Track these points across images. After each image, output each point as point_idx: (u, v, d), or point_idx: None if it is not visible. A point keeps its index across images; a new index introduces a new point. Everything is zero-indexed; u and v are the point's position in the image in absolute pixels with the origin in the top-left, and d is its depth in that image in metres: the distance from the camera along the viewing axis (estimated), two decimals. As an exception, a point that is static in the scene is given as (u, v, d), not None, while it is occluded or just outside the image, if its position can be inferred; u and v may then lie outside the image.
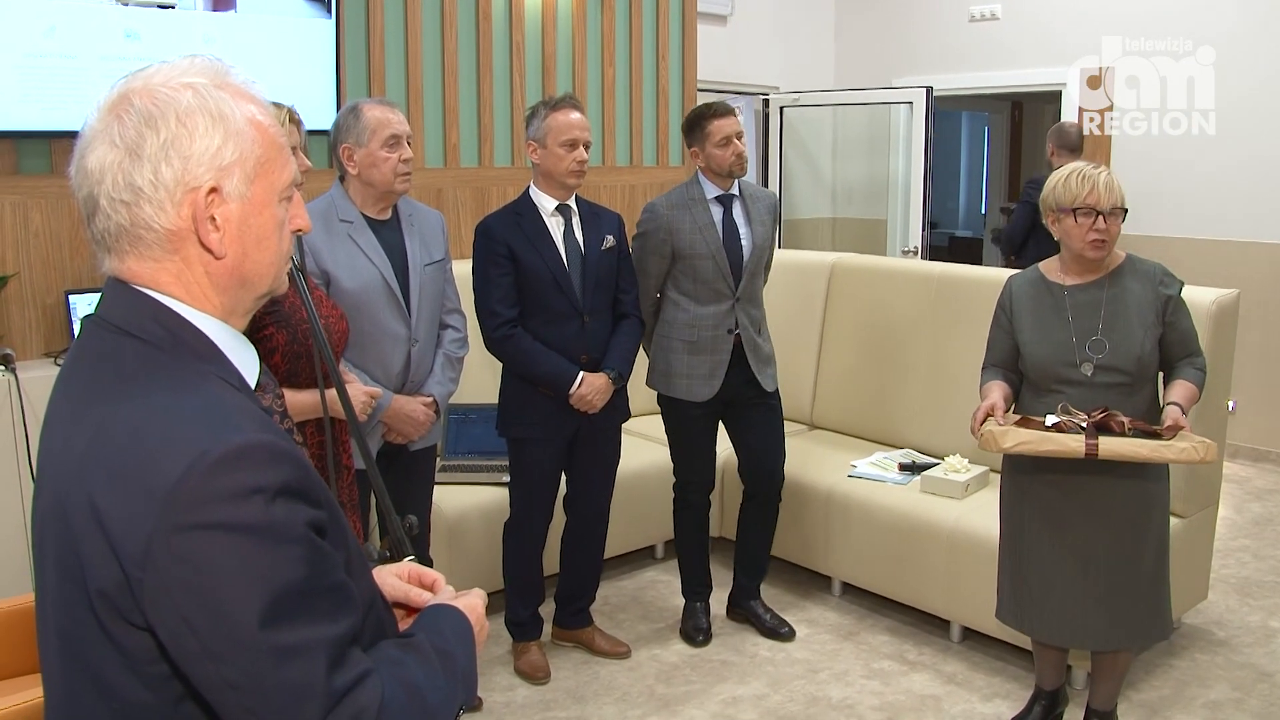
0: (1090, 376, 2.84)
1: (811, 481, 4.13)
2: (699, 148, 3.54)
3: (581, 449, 3.47)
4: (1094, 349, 2.84)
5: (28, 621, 2.41)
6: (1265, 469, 5.82)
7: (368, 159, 2.89)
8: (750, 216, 3.61)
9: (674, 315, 3.60)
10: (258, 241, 1.13)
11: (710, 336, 3.55)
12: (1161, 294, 2.84)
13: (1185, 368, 2.86)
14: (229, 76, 1.13)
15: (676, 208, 3.54)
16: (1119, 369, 2.82)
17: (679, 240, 3.51)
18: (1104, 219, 2.79)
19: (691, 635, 3.76)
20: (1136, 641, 2.98)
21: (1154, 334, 2.83)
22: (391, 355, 2.98)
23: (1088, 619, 2.90)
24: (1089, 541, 2.87)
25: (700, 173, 3.58)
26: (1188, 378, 2.84)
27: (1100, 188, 2.80)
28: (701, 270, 3.52)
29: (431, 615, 1.26)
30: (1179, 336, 2.86)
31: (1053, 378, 2.89)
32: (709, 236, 3.51)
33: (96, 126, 1.08)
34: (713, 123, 3.49)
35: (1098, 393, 2.82)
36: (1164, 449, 2.67)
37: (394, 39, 4.71)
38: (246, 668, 0.97)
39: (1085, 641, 2.97)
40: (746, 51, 7.11)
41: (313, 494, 1.04)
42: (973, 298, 4.17)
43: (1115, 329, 2.83)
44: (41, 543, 1.08)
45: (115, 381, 1.06)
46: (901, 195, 6.91)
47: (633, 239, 3.61)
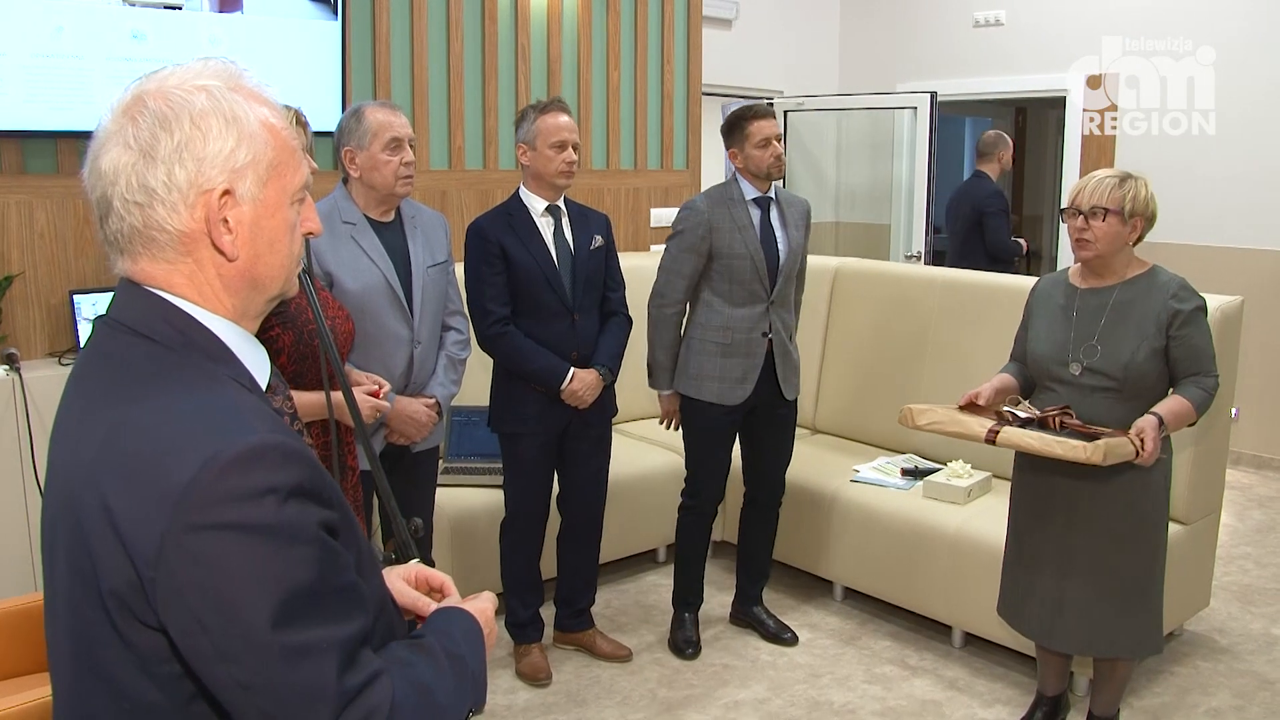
0: (1078, 377, 2.87)
1: (814, 486, 4.13)
2: (738, 149, 3.53)
3: (572, 444, 3.50)
4: (1086, 352, 2.87)
5: (33, 621, 2.41)
6: (1268, 476, 5.82)
7: (369, 162, 2.90)
8: (786, 221, 3.61)
9: (707, 317, 3.58)
10: (270, 244, 1.13)
11: (744, 339, 3.54)
12: (1170, 307, 2.80)
13: (1187, 385, 2.81)
14: (242, 79, 1.14)
15: (717, 205, 3.53)
16: (1105, 374, 2.83)
17: (718, 238, 3.50)
18: (1084, 219, 2.81)
19: (680, 648, 3.74)
20: (1115, 652, 2.97)
21: (1151, 345, 2.80)
22: (394, 357, 2.99)
23: (1060, 620, 2.94)
24: (1066, 544, 2.91)
25: (738, 174, 3.58)
26: (1185, 394, 2.80)
27: (1087, 188, 2.83)
28: (738, 271, 3.51)
29: (441, 617, 1.26)
30: (1186, 353, 2.80)
31: (1047, 375, 2.95)
32: (747, 236, 3.50)
33: (110, 128, 1.09)
34: (754, 124, 3.49)
35: (1084, 394, 2.86)
36: (1054, 444, 2.69)
37: (399, 41, 4.72)
38: (258, 668, 0.97)
39: (1061, 643, 3.00)
40: (751, 55, 7.11)
41: (325, 495, 1.05)
42: (975, 302, 4.18)
43: (1111, 335, 2.84)
44: (52, 543, 1.08)
45: (128, 382, 1.06)
46: (905, 200, 6.91)
47: (669, 239, 3.60)
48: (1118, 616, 2.89)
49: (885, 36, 7.51)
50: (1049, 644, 3.05)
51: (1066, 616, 2.92)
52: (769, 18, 7.22)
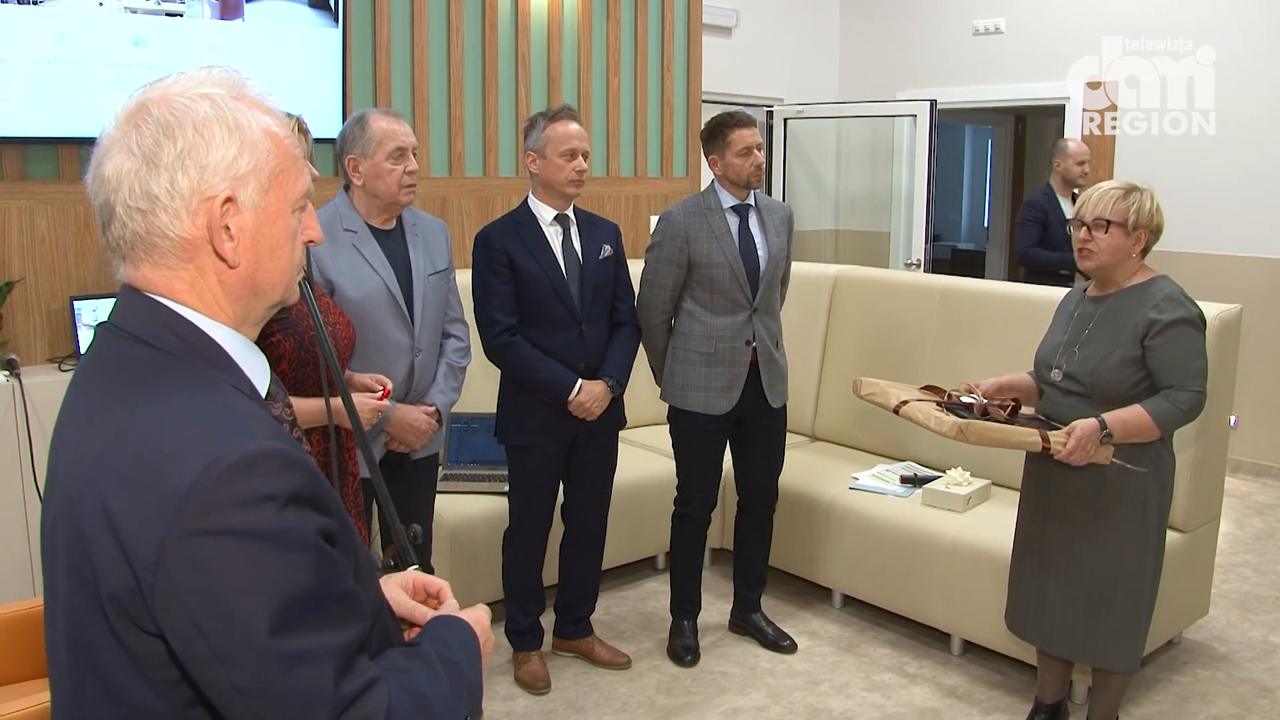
0: (1058, 382, 2.95)
1: (813, 493, 4.13)
2: (718, 156, 3.52)
3: (579, 456, 3.49)
4: (1067, 358, 2.94)
5: (32, 627, 2.41)
6: (1266, 484, 5.82)
7: (373, 170, 2.90)
8: (766, 227, 3.60)
9: (690, 327, 3.57)
10: (271, 251, 1.14)
11: (728, 348, 3.53)
12: (1148, 317, 2.77)
13: (1158, 397, 2.78)
14: (245, 88, 1.14)
15: (693, 216, 3.52)
16: (1076, 379, 2.90)
17: (695, 248, 3.50)
18: (1087, 230, 2.85)
19: (679, 655, 3.74)
20: (1085, 659, 3.01)
21: (1124, 354, 2.80)
22: (395, 364, 2.99)
23: (1040, 615, 3.02)
24: (1046, 540, 2.99)
25: (717, 182, 3.58)
26: (1148, 405, 2.77)
27: (1091, 200, 2.88)
28: (718, 280, 3.50)
29: (438, 626, 1.26)
30: (1159, 364, 2.77)
31: (1039, 376, 3.05)
32: (725, 245, 3.50)
33: (114, 135, 1.09)
34: (734, 132, 3.49)
35: (1059, 397, 2.95)
36: (944, 420, 2.86)
37: (400, 48, 4.73)
38: (256, 673, 0.98)
39: (1039, 640, 3.08)
40: (751, 63, 7.13)
41: (323, 502, 1.05)
42: (975, 311, 4.18)
43: (1091, 342, 2.89)
44: (52, 547, 1.09)
45: (129, 388, 1.07)
46: (904, 208, 6.91)
47: (647, 251, 3.60)
48: (1085, 619, 2.93)
49: (885, 44, 7.52)
50: (1031, 640, 3.13)
51: (1045, 612, 3.01)
52: (769, 25, 7.24)
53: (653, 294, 3.56)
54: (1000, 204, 9.54)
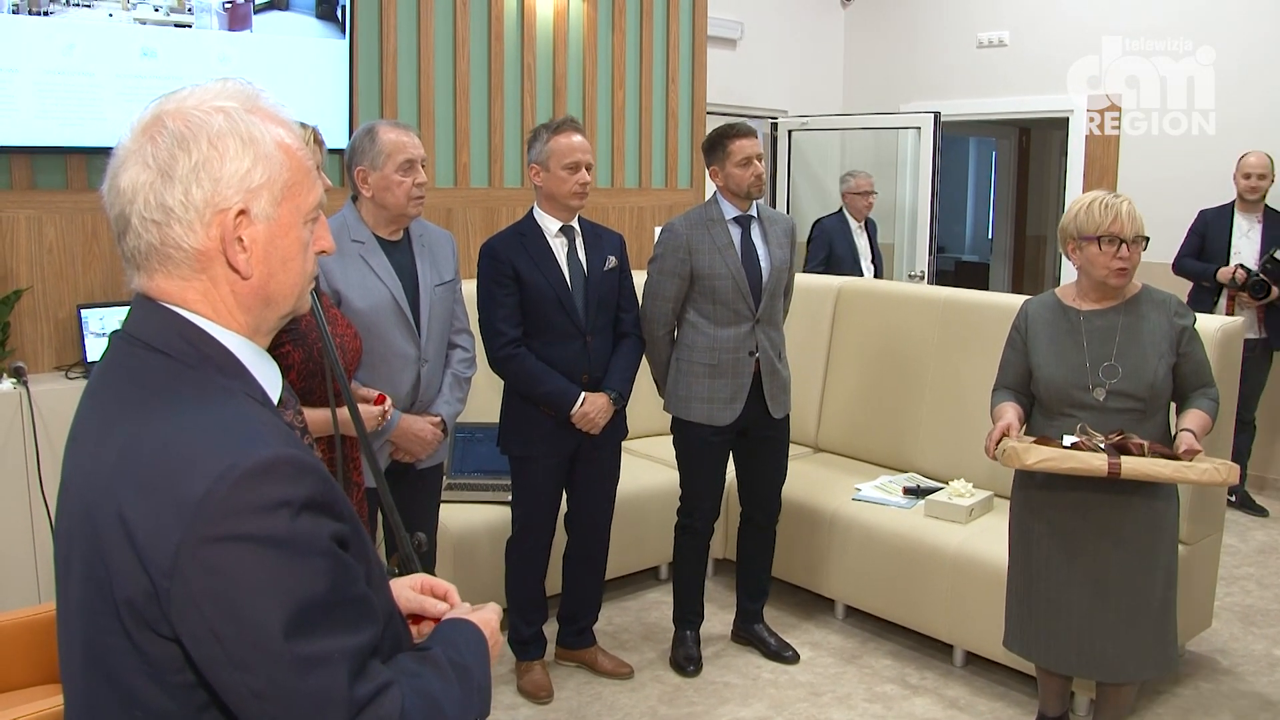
0: (1103, 401, 2.87)
1: (816, 504, 4.14)
2: (719, 167, 3.54)
3: (582, 467, 3.50)
4: (1107, 374, 2.87)
5: (39, 633, 2.42)
6: (1269, 497, 5.81)
7: (382, 182, 2.91)
8: (768, 238, 3.61)
9: (693, 339, 3.58)
10: (283, 263, 1.15)
11: (731, 359, 3.54)
12: (1177, 324, 2.88)
13: (1199, 398, 2.90)
14: (260, 100, 1.16)
15: (695, 227, 3.54)
16: (1131, 395, 2.85)
17: (698, 260, 3.51)
18: (1127, 247, 2.82)
19: (682, 665, 3.74)
20: (1144, 674, 2.98)
21: (1167, 363, 2.86)
22: (401, 375, 3.00)
23: (1096, 647, 2.89)
24: (1101, 564, 2.87)
25: (718, 193, 3.59)
26: (1202, 407, 2.88)
27: (1123, 216, 2.83)
28: (721, 291, 3.51)
29: (447, 629, 1.28)
30: (1193, 368, 2.90)
31: (1065, 401, 2.91)
32: (728, 256, 3.51)
33: (130, 147, 1.11)
34: (735, 142, 3.50)
35: (1110, 417, 2.85)
36: (1186, 470, 2.71)
37: (406, 60, 4.76)
38: (271, 677, 0.99)
39: (1093, 671, 2.95)
40: (755, 75, 7.16)
41: (336, 508, 1.07)
42: (979, 323, 4.19)
43: (1129, 355, 2.86)
44: (68, 554, 1.10)
45: (143, 396, 1.09)
46: (908, 220, 6.93)
47: (650, 262, 3.62)
48: (1145, 634, 2.89)
49: (889, 57, 7.55)
50: (1082, 674, 3.01)
51: (1104, 641, 2.89)
52: (774, 38, 7.27)
53: (655, 306, 3.57)
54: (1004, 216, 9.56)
